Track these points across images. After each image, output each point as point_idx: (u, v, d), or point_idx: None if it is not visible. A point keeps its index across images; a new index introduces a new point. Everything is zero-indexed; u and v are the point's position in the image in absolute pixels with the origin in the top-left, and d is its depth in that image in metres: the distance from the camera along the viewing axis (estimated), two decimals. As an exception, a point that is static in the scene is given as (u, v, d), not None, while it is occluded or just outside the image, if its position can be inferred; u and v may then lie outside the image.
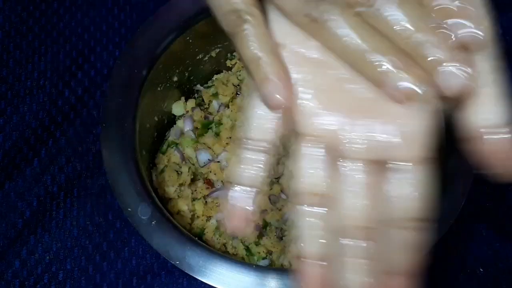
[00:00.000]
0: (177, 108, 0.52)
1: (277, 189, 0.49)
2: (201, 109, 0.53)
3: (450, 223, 0.40)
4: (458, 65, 0.24)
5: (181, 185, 0.48)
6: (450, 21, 0.24)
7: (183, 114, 0.53)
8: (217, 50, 0.53)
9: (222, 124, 0.52)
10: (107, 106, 0.44)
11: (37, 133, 0.54)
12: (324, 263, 0.26)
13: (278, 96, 0.25)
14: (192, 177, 0.49)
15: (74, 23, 0.60)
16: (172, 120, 0.53)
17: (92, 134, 0.54)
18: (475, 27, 0.24)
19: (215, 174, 0.50)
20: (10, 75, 0.57)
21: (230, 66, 0.55)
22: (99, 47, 0.59)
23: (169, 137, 0.52)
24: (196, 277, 0.37)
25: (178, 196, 0.48)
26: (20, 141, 0.54)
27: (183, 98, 0.53)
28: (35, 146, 0.54)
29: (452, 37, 0.24)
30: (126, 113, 0.44)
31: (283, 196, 0.49)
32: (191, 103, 0.53)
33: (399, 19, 0.24)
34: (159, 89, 0.49)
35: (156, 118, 0.50)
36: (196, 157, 0.50)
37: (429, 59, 0.24)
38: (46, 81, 0.57)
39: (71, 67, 0.57)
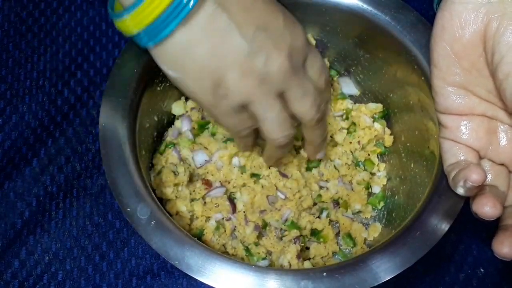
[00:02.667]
0: (177, 107, 0.52)
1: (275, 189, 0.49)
2: (198, 110, 0.53)
3: (450, 223, 0.40)
4: None
5: (178, 185, 0.48)
6: None
7: (183, 114, 0.52)
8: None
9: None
10: (106, 106, 0.44)
11: (36, 133, 0.54)
12: None
13: None
14: (190, 177, 0.48)
15: (73, 22, 0.60)
16: (172, 120, 0.53)
17: (91, 134, 0.54)
18: None
19: (212, 174, 0.50)
20: (9, 75, 0.57)
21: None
22: (98, 46, 0.59)
23: (167, 137, 0.52)
24: (196, 277, 0.37)
25: (176, 197, 0.48)
26: (19, 141, 0.54)
27: (183, 97, 0.53)
28: (34, 146, 0.54)
29: None
30: (125, 113, 0.44)
31: (281, 196, 0.49)
32: (191, 103, 0.53)
33: None
34: (158, 88, 0.49)
35: (155, 118, 0.50)
36: (192, 157, 0.50)
37: None
38: (45, 81, 0.57)
39: (71, 67, 0.57)
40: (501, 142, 0.39)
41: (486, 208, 0.35)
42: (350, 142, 0.53)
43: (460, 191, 0.38)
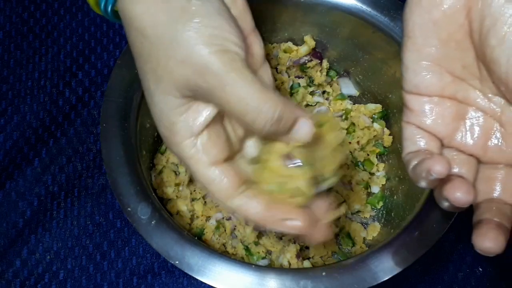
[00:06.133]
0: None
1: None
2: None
3: (449, 222, 0.40)
4: None
5: (179, 185, 0.48)
6: None
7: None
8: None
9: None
10: (107, 106, 0.44)
11: (37, 133, 0.54)
12: None
13: None
14: (190, 177, 0.49)
15: (74, 23, 0.60)
16: (172, 120, 0.53)
17: (92, 134, 0.55)
18: None
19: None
20: (11, 75, 0.57)
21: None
22: (100, 47, 0.59)
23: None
24: (196, 277, 0.37)
25: (176, 196, 0.48)
26: (21, 141, 0.54)
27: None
28: (36, 146, 0.54)
29: None
30: (126, 113, 0.44)
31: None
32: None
33: None
34: (159, 89, 0.49)
35: (156, 118, 0.50)
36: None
37: None
38: (46, 81, 0.57)
39: (72, 67, 0.58)
40: (469, 130, 0.35)
41: (457, 194, 0.31)
42: (350, 142, 0.53)
43: (422, 183, 0.34)
